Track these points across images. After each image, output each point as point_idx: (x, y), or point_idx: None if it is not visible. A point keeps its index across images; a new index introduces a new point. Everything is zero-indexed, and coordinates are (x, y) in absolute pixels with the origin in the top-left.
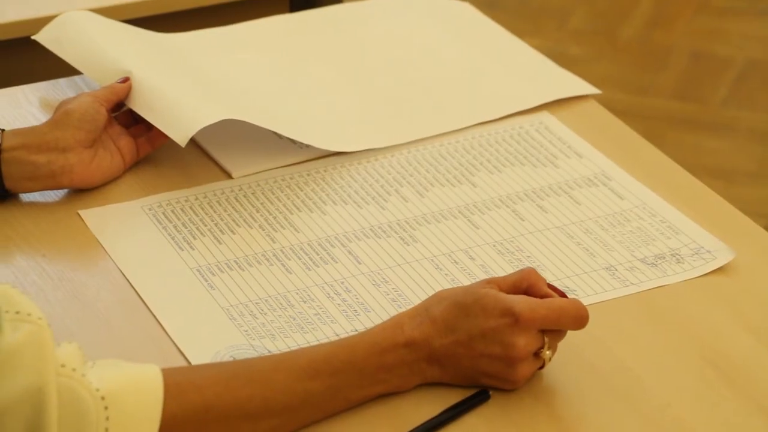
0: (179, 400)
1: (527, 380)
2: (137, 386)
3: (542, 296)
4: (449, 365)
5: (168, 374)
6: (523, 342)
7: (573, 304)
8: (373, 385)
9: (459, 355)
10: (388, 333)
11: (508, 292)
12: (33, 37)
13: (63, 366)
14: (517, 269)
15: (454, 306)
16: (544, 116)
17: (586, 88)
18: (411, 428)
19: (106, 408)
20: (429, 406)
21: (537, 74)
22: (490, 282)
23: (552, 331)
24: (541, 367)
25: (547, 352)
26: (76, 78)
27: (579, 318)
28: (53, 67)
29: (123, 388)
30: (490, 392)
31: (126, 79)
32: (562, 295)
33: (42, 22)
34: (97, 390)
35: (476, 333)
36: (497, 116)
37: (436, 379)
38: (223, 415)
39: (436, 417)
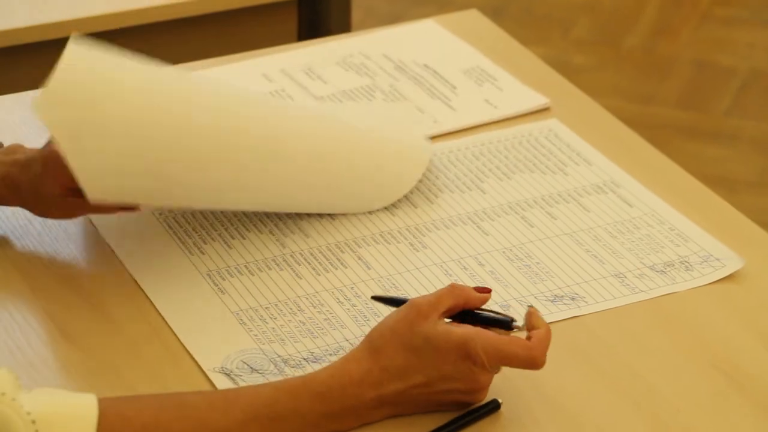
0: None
1: None
2: (70, 413)
3: (477, 305)
4: (402, 404)
5: (102, 404)
6: (486, 377)
7: (526, 352)
8: (313, 428)
9: (416, 395)
10: (335, 381)
11: (448, 307)
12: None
13: None
14: (527, 276)
15: (404, 350)
16: (553, 123)
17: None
18: None
19: None
20: (438, 415)
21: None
22: (429, 312)
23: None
24: None
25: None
26: None
27: (532, 362)
28: None
29: (56, 414)
30: (501, 401)
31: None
32: (485, 291)
33: (52, 28)
34: (28, 414)
35: (435, 375)
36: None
37: (384, 417)
38: None
39: (445, 425)
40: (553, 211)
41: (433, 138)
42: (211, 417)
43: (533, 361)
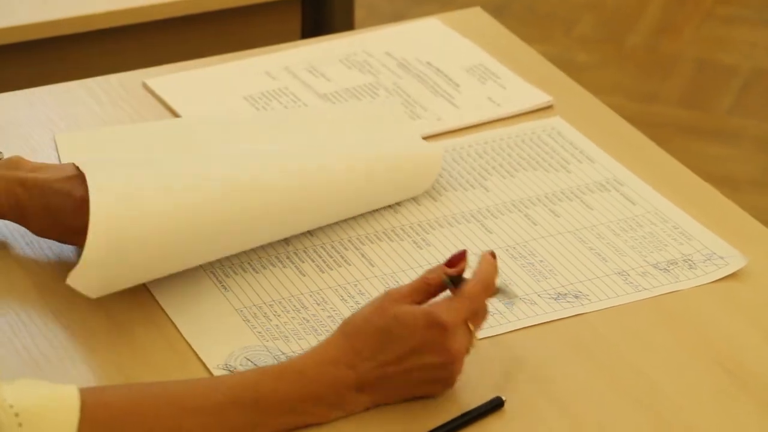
0: (92, 422)
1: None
2: (53, 404)
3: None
4: (381, 387)
5: (84, 394)
6: (457, 344)
7: (481, 281)
8: (295, 414)
9: (391, 374)
10: (311, 360)
11: (419, 301)
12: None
13: None
14: (530, 274)
15: (375, 332)
16: (557, 121)
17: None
18: None
19: (20, 425)
20: (439, 413)
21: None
22: (400, 299)
23: (475, 318)
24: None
25: (475, 340)
26: (88, 81)
27: (489, 286)
28: (67, 69)
29: (38, 405)
30: (504, 398)
31: None
32: (459, 259)
33: (52, 25)
34: (11, 406)
35: (406, 350)
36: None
37: (366, 405)
38: None
39: (449, 423)
40: (556, 208)
41: (437, 136)
42: (191, 401)
43: (489, 280)
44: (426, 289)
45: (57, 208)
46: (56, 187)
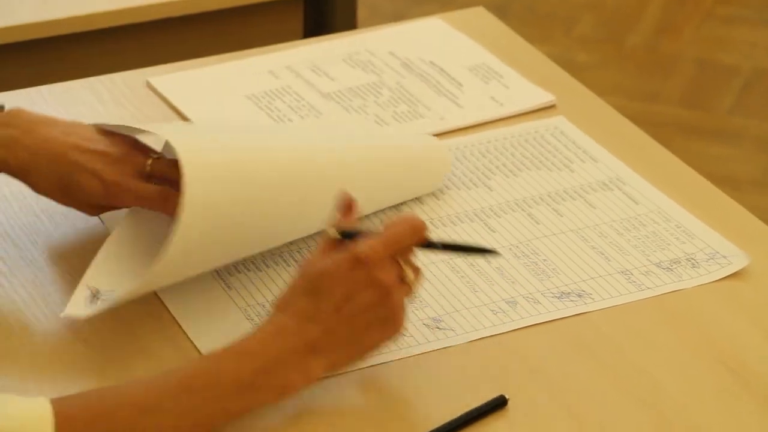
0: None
1: (405, 314)
2: (28, 415)
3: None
4: (331, 343)
5: (54, 405)
6: (384, 273)
7: (402, 222)
8: (254, 391)
9: (334, 327)
10: (254, 338)
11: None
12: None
13: None
14: (534, 273)
15: (304, 294)
16: (559, 121)
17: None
18: None
19: None
20: (441, 412)
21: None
22: (315, 259)
23: (402, 255)
24: (410, 295)
25: (409, 273)
26: (90, 80)
27: (415, 228)
28: (67, 69)
29: (12, 419)
30: (508, 396)
31: None
32: (349, 205)
33: (54, 25)
34: None
35: (339, 298)
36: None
37: (324, 367)
38: None
39: (452, 421)
40: (559, 208)
41: (440, 135)
42: (151, 399)
43: (412, 223)
44: (337, 246)
45: (74, 183)
46: (74, 159)
